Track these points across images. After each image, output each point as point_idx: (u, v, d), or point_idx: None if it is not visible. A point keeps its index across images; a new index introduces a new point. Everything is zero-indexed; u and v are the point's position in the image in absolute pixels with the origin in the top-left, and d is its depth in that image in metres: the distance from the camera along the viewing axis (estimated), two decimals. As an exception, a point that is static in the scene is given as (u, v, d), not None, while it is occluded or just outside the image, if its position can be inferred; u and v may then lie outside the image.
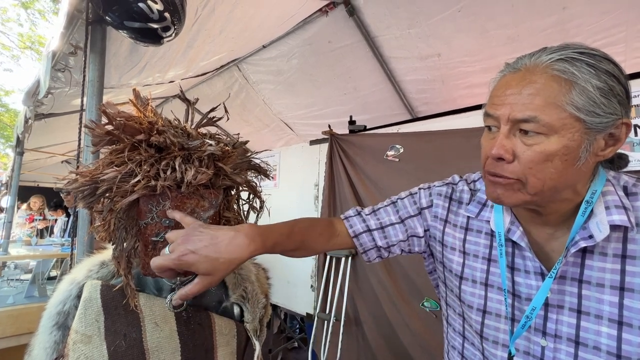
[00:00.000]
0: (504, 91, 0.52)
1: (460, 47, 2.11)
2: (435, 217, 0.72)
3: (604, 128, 0.48)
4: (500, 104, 0.52)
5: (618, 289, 0.50)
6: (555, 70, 0.48)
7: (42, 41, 10.65)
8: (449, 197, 0.71)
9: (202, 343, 0.69)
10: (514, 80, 0.52)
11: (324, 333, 2.05)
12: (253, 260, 0.86)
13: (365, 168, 1.99)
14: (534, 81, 0.49)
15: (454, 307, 0.70)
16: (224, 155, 0.66)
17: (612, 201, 0.52)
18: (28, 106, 2.19)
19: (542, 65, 0.49)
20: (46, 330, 0.64)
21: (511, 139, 0.51)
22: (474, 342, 0.65)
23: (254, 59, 2.76)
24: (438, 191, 0.73)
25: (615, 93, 0.47)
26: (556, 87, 0.48)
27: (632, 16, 1.66)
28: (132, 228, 0.65)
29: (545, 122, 0.48)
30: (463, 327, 0.67)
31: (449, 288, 0.70)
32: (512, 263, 0.59)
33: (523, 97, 0.49)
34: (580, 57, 0.48)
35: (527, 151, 0.50)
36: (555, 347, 0.54)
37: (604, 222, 0.50)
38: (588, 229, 0.52)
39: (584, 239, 0.51)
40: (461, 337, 0.68)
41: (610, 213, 0.50)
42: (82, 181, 0.59)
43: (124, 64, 2.01)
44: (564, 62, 0.48)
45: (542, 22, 1.81)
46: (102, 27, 1.26)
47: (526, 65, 0.51)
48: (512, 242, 0.60)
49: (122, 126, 0.60)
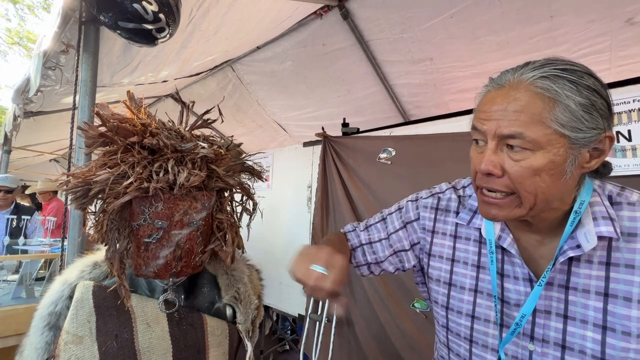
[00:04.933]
0: (490, 107, 0.53)
1: (452, 52, 2.15)
2: (424, 229, 0.73)
3: (588, 143, 0.49)
4: (486, 119, 0.53)
5: (602, 295, 0.51)
6: (539, 88, 0.49)
7: (31, 37, 10.45)
8: (435, 207, 0.73)
9: (194, 344, 0.69)
10: (499, 96, 0.52)
11: (315, 334, 2.05)
12: (247, 262, 0.86)
13: (358, 170, 2.01)
14: (518, 98, 0.50)
15: (437, 320, 0.71)
16: (217, 158, 0.67)
17: (600, 212, 0.53)
18: (17, 104, 2.15)
19: (526, 82, 0.50)
20: (37, 330, 0.64)
21: (499, 154, 0.52)
22: (459, 352, 0.66)
23: (248, 60, 2.76)
24: (424, 203, 0.74)
25: (597, 107, 0.48)
26: (540, 105, 0.48)
27: (617, 26, 1.71)
28: (124, 229, 0.65)
29: (530, 138, 0.48)
30: (447, 339, 0.68)
31: (433, 300, 0.71)
32: (502, 270, 0.61)
33: (508, 113, 0.50)
34: (562, 74, 0.49)
35: (514, 166, 0.51)
36: (542, 351, 0.55)
37: (592, 233, 0.52)
38: (576, 239, 0.53)
39: (572, 249, 0.53)
40: (446, 348, 0.69)
41: (598, 224, 0.52)
42: (74, 182, 0.59)
43: (116, 63, 1.99)
44: (547, 79, 0.49)
45: (531, 30, 1.86)
46: (96, 26, 1.25)
47: (510, 82, 0.52)
48: (502, 249, 0.61)
49: (116, 128, 0.60)
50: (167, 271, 0.64)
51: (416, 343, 1.64)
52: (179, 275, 0.67)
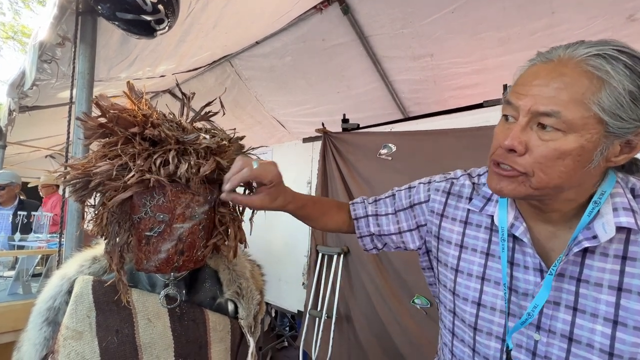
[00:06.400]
0: (531, 80, 0.50)
1: (453, 48, 2.14)
2: (432, 212, 0.73)
3: (623, 134, 0.47)
4: (523, 94, 0.50)
5: (616, 290, 0.50)
6: (590, 66, 0.46)
7: (26, 31, 10.31)
8: (447, 191, 0.72)
9: (196, 339, 0.68)
10: (544, 70, 0.50)
11: (315, 330, 2.05)
12: (248, 257, 0.85)
13: (358, 166, 2.00)
14: (564, 74, 0.47)
15: (445, 304, 0.71)
16: (220, 150, 0.66)
17: (621, 203, 0.51)
18: (12, 98, 2.12)
19: (577, 58, 0.47)
20: (36, 326, 0.63)
21: (527, 132, 0.50)
22: (464, 338, 0.65)
23: (246, 55, 2.73)
24: (436, 186, 0.74)
25: None
26: (586, 84, 0.46)
27: (618, 22, 1.71)
28: (125, 222, 0.64)
29: (566, 118, 0.46)
30: (453, 324, 0.68)
31: (442, 283, 0.71)
32: (512, 258, 0.60)
33: (549, 89, 0.47)
34: (619, 56, 0.46)
35: (541, 146, 0.49)
36: (548, 341, 0.55)
37: (610, 223, 0.50)
38: (592, 229, 0.52)
39: (588, 239, 0.51)
40: (450, 334, 0.69)
41: (618, 215, 0.50)
42: (74, 174, 0.58)
43: (113, 57, 1.96)
44: (601, 58, 0.46)
45: (532, 26, 1.85)
46: (93, 17, 1.23)
47: (560, 57, 0.49)
48: (513, 237, 0.60)
49: (116, 118, 0.59)
50: (169, 265, 0.63)
51: (416, 339, 1.64)
52: (181, 270, 0.65)
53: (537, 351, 0.56)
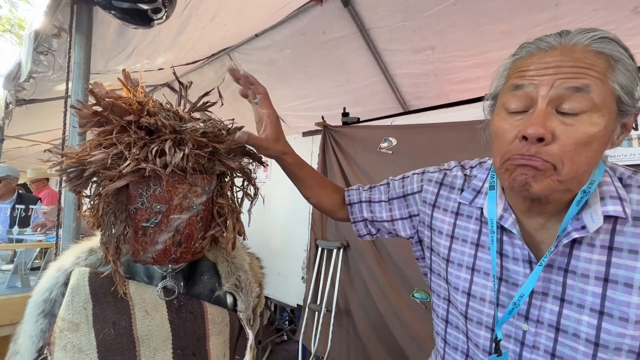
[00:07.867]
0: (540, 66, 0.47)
1: (454, 41, 2.11)
2: (424, 202, 0.73)
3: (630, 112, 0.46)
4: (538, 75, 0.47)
5: (602, 280, 0.50)
6: (600, 47, 0.46)
7: (22, 24, 10.20)
8: (439, 182, 0.72)
9: (194, 331, 0.68)
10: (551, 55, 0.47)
11: (315, 324, 2.06)
12: (247, 250, 0.85)
13: (358, 160, 1.99)
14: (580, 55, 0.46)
15: (438, 292, 0.71)
16: (218, 139, 0.64)
17: (608, 192, 0.51)
18: (9, 90, 2.10)
19: (583, 43, 0.47)
20: (32, 318, 0.62)
21: (549, 118, 0.46)
22: (458, 324, 0.65)
23: (246, 48, 2.71)
24: (429, 177, 0.74)
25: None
26: (603, 62, 0.45)
27: (622, 15, 1.69)
28: (121, 213, 0.62)
29: (596, 93, 0.44)
30: (447, 312, 0.68)
31: (435, 272, 0.71)
32: (501, 249, 0.60)
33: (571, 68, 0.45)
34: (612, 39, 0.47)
35: (568, 131, 0.45)
36: (536, 331, 0.55)
37: (597, 213, 0.50)
38: (581, 220, 0.51)
39: (577, 230, 0.50)
40: (444, 322, 0.69)
41: (605, 204, 0.50)
42: (68, 163, 0.56)
43: (111, 49, 1.94)
44: (606, 40, 0.46)
45: (535, 18, 1.83)
46: (89, 7, 1.20)
47: (561, 44, 0.48)
48: (502, 229, 0.60)
49: (111, 106, 0.57)
50: (166, 257, 0.62)
51: (416, 333, 1.64)
52: (178, 262, 0.64)
53: (525, 341, 0.56)
